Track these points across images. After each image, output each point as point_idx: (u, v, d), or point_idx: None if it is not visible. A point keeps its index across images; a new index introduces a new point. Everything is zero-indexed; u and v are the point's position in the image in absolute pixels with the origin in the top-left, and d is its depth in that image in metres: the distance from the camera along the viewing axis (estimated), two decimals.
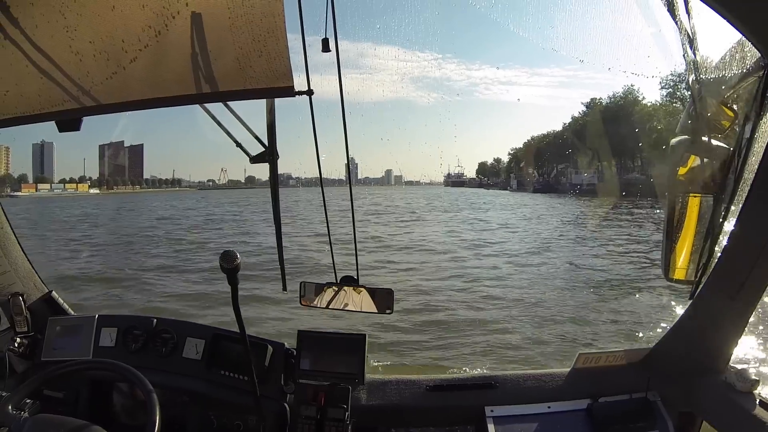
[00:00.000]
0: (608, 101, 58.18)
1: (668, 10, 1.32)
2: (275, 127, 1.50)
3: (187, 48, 1.23)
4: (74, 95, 1.33)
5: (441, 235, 18.32)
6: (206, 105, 1.44)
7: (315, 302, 1.87)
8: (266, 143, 1.52)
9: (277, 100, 1.49)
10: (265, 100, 1.46)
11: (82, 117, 1.41)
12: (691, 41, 1.35)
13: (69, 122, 1.42)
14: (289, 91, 1.28)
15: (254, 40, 1.20)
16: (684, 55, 1.40)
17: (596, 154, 52.41)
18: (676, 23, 1.33)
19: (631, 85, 56.13)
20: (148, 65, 1.26)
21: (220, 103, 1.42)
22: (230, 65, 1.25)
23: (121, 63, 1.26)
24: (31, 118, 1.40)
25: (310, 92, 1.34)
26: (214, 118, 1.45)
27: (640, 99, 54.18)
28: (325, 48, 1.33)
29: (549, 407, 1.86)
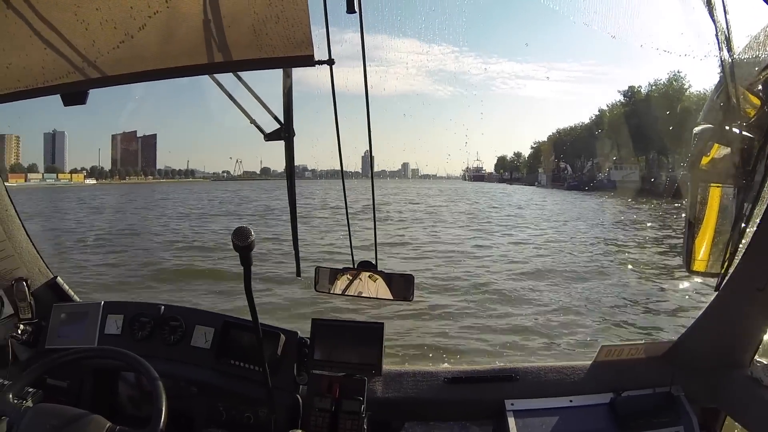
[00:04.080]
0: (649, 89, 51.17)
1: None
2: (292, 102, 1.43)
3: (200, 15, 1.17)
4: (79, 66, 1.27)
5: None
6: (220, 81, 1.37)
7: (330, 289, 1.81)
8: (282, 120, 1.45)
9: (293, 81, 1.42)
10: (281, 75, 1.39)
11: (87, 90, 1.34)
12: (726, 20, 1.29)
13: (74, 95, 1.37)
14: (309, 60, 1.21)
15: (271, 6, 1.13)
16: (716, 35, 1.34)
17: (637, 147, 47.29)
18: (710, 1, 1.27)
19: (677, 72, 48.32)
20: (158, 33, 1.20)
21: (234, 83, 1.35)
22: (245, 33, 1.18)
23: (129, 31, 1.19)
24: (34, 91, 1.34)
25: (331, 62, 1.25)
26: (227, 92, 1.38)
27: (686, 87, 47.35)
28: (350, 9, 1.22)
29: (571, 401, 1.80)
